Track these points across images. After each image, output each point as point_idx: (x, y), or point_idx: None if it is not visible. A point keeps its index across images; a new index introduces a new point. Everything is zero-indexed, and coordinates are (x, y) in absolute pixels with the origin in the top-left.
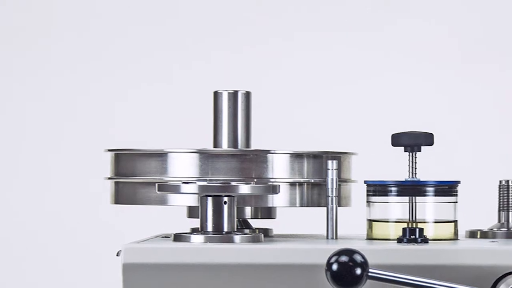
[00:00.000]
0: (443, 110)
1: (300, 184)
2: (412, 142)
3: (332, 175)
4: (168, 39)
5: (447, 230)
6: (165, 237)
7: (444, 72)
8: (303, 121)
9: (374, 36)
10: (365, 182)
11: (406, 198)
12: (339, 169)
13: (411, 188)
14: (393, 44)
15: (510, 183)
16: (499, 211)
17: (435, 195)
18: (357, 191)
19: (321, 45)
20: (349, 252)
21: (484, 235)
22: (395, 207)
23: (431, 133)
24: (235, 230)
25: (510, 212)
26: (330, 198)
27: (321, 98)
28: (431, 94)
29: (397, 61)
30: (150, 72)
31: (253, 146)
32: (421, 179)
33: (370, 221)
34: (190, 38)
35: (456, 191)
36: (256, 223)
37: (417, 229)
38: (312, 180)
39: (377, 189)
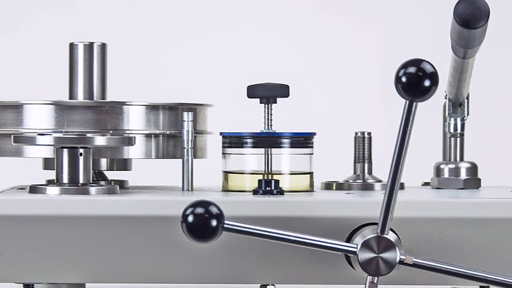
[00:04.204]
0: (299, 61)
1: (156, 135)
2: (268, 93)
3: (187, 126)
4: None
5: (302, 181)
6: (21, 188)
7: (298, 23)
8: (159, 73)
9: None
10: (220, 133)
11: (262, 150)
12: (194, 121)
13: (267, 140)
14: None
15: (365, 135)
16: (355, 162)
17: (291, 147)
18: (213, 143)
19: None
20: (205, 204)
21: (340, 186)
22: (251, 159)
23: (287, 85)
24: (91, 181)
25: (366, 164)
26: (185, 150)
27: (176, 49)
28: (286, 45)
29: (251, 12)
30: (3, 22)
31: (109, 98)
32: (276, 131)
33: (226, 173)
34: None
35: (312, 143)
36: (111, 175)
37: (273, 181)
38: (168, 132)
39: (232, 140)
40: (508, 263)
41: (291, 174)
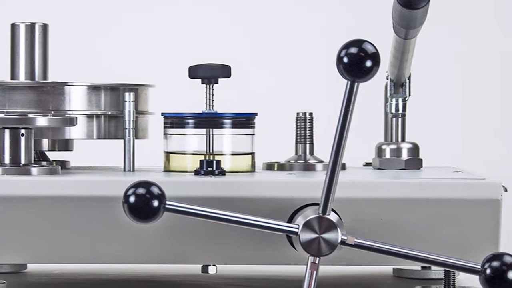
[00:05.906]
0: (240, 41)
1: (98, 116)
2: (209, 74)
3: (129, 107)
4: None
5: (244, 162)
6: None
7: (241, 4)
8: (101, 53)
9: None
10: (162, 114)
11: (204, 130)
12: (136, 101)
13: (208, 120)
14: None
15: (307, 115)
16: (296, 143)
17: (232, 127)
18: (154, 123)
19: None
20: (146, 184)
21: (281, 167)
22: (192, 139)
23: (228, 65)
24: (32, 162)
25: (307, 144)
26: (127, 130)
27: (118, 30)
28: (228, 25)
29: None
30: None
31: (51, 79)
32: (218, 111)
33: (167, 153)
34: None
35: (253, 123)
36: (53, 155)
37: (214, 161)
38: (109, 112)
39: (174, 121)
40: (449, 243)
41: (232, 154)
